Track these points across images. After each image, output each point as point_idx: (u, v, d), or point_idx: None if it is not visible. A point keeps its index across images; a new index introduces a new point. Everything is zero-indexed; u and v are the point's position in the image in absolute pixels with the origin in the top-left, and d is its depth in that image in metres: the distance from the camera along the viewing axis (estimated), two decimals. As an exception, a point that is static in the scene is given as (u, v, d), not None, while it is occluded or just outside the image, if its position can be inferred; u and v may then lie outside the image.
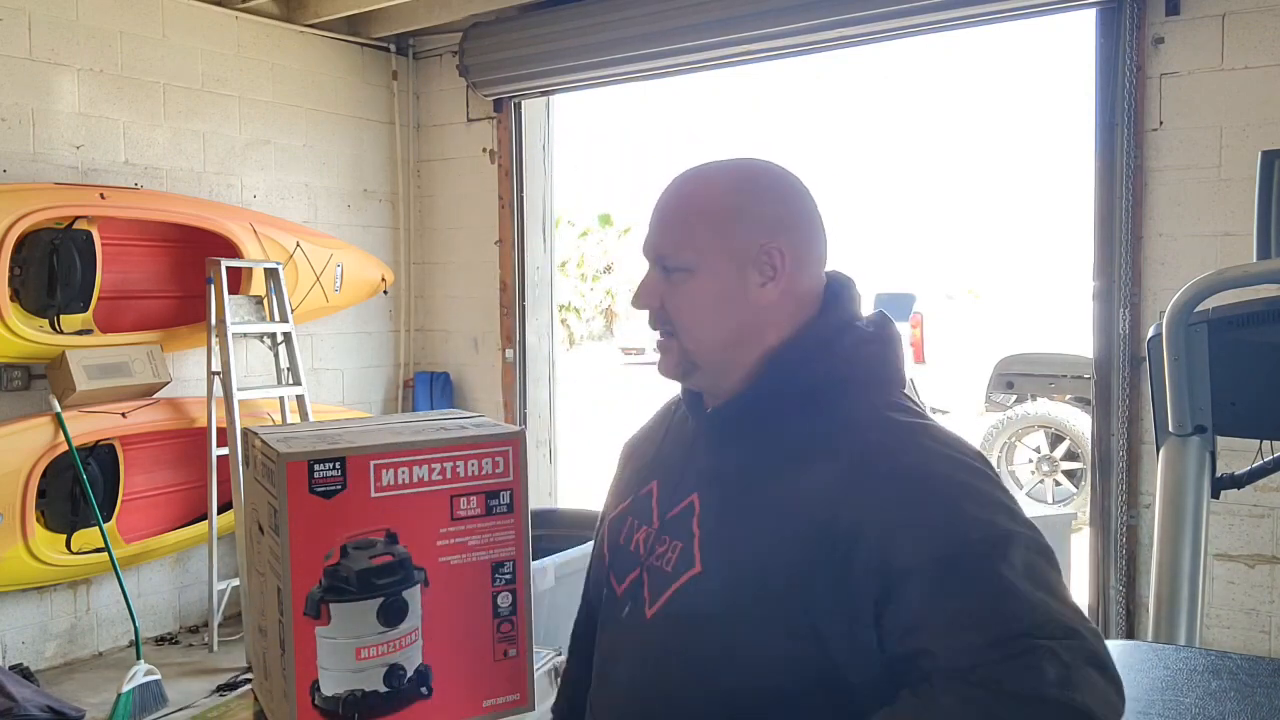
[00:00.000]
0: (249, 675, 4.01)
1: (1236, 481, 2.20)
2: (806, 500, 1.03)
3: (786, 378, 1.10)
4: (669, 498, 1.19)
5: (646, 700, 1.15)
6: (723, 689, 1.08)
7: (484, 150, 5.54)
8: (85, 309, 4.22)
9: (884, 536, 0.98)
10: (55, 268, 4.07)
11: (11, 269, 3.91)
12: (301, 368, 4.77)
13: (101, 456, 4.30)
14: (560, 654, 2.32)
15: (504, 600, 1.64)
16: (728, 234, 1.11)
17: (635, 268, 20.96)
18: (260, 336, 4.79)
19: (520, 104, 5.43)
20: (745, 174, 1.16)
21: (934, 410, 9.12)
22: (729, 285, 1.11)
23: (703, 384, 1.17)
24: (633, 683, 1.19)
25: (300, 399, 4.74)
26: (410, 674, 1.56)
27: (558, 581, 3.85)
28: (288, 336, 4.73)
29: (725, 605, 1.07)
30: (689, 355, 1.15)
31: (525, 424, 5.45)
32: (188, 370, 4.72)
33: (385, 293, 5.62)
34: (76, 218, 4.14)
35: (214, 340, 4.47)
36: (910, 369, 9.46)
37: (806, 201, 1.18)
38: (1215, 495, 2.11)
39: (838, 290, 1.17)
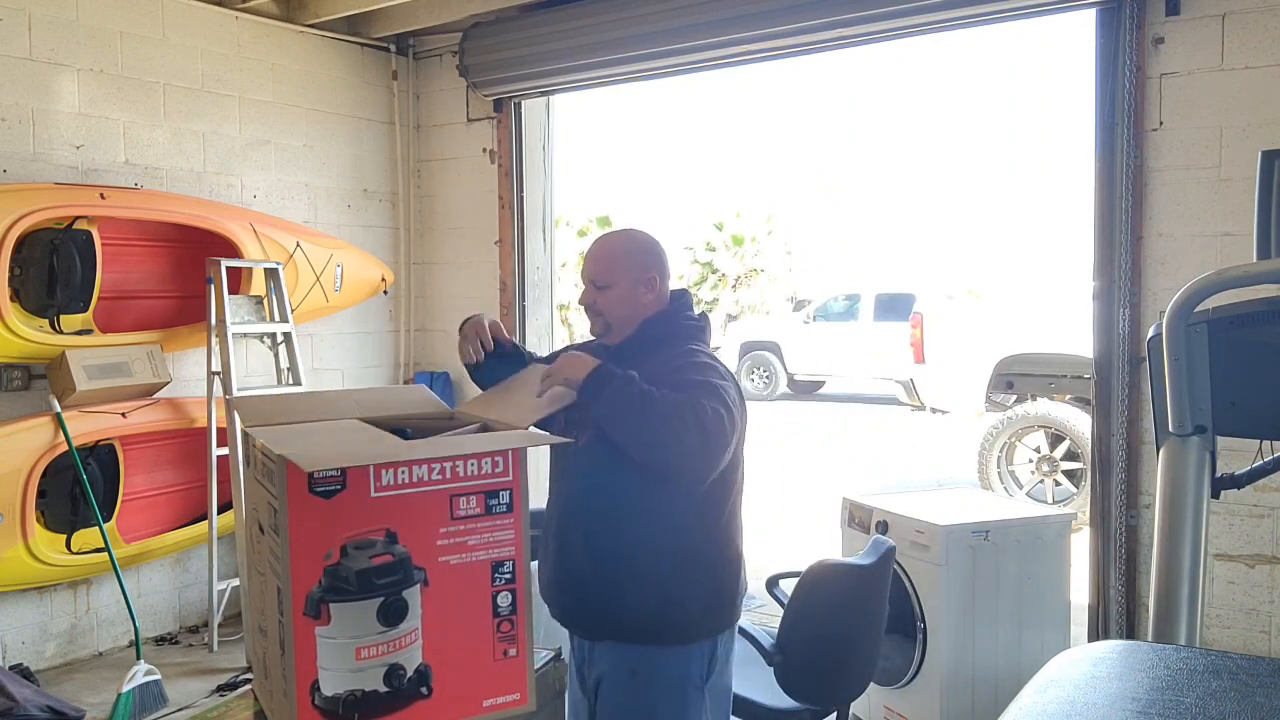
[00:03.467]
0: (249, 675, 4.01)
1: (1236, 481, 2.20)
2: (655, 368, 2.06)
3: (648, 333, 2.20)
4: None
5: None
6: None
7: (484, 150, 5.54)
8: (85, 309, 4.22)
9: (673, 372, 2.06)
10: (55, 268, 4.07)
11: (11, 269, 3.91)
12: (301, 368, 4.77)
13: (101, 456, 4.30)
14: (561, 654, 2.32)
15: (504, 600, 1.64)
16: (628, 269, 2.19)
17: (635, 268, 20.88)
18: (260, 336, 4.79)
19: (520, 104, 5.43)
20: (634, 238, 2.26)
21: (934, 410, 9.16)
22: (628, 293, 2.19)
23: (613, 338, 2.23)
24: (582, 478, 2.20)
25: (300, 399, 4.73)
26: (410, 674, 1.56)
27: (558, 581, 3.84)
28: (288, 336, 4.73)
29: None
30: (607, 323, 2.22)
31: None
32: (188, 370, 4.72)
33: (385, 293, 5.62)
34: (76, 218, 4.14)
35: (214, 340, 4.47)
36: (910, 368, 9.47)
37: (662, 253, 2.25)
38: (1215, 495, 2.11)
39: (678, 296, 2.27)
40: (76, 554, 4.20)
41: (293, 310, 4.75)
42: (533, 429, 1.89)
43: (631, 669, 2.10)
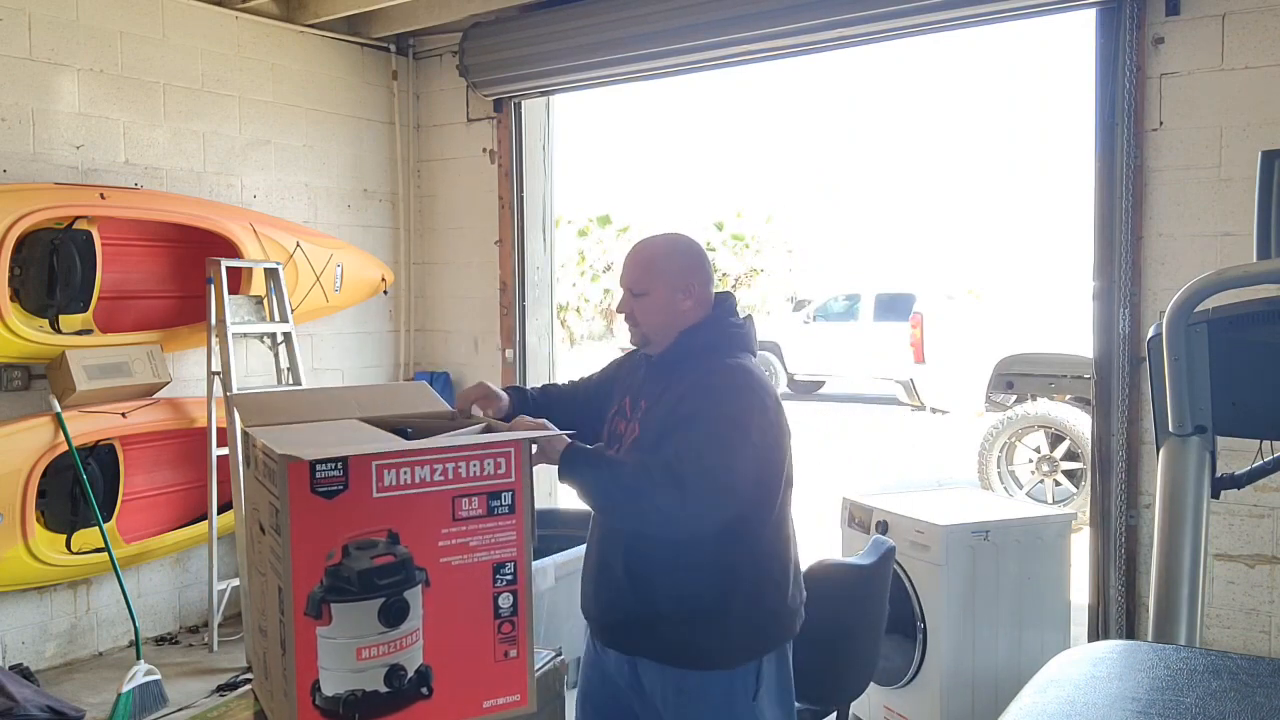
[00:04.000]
0: (249, 675, 4.01)
1: (1236, 481, 2.20)
2: (681, 391, 2.01)
3: (688, 344, 2.10)
4: (635, 404, 2.14)
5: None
6: None
7: (484, 150, 5.54)
8: (85, 309, 4.22)
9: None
10: (55, 268, 4.07)
11: (11, 269, 3.91)
12: (301, 368, 4.77)
13: (101, 456, 4.30)
14: (561, 654, 2.32)
15: (505, 601, 1.64)
16: (666, 275, 2.10)
17: (635, 267, 20.89)
18: (260, 336, 4.79)
19: (520, 104, 5.43)
20: (674, 242, 2.17)
21: (934, 410, 9.16)
22: (666, 300, 2.09)
23: (652, 349, 2.14)
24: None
25: (300, 399, 4.73)
26: (411, 674, 1.56)
27: (558, 581, 3.84)
28: (288, 336, 4.73)
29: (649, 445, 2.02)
30: (645, 335, 2.14)
31: (525, 424, 5.44)
32: (188, 370, 4.72)
33: (385, 293, 5.62)
34: (76, 218, 4.14)
35: (214, 340, 4.47)
36: (910, 368, 9.48)
37: (704, 257, 2.17)
38: (1215, 495, 2.11)
39: (722, 301, 2.16)
40: (76, 554, 4.20)
41: (293, 310, 4.75)
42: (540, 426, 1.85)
43: (679, 687, 2.05)
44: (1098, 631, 3.91)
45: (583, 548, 3.90)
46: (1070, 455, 7.17)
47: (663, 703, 2.08)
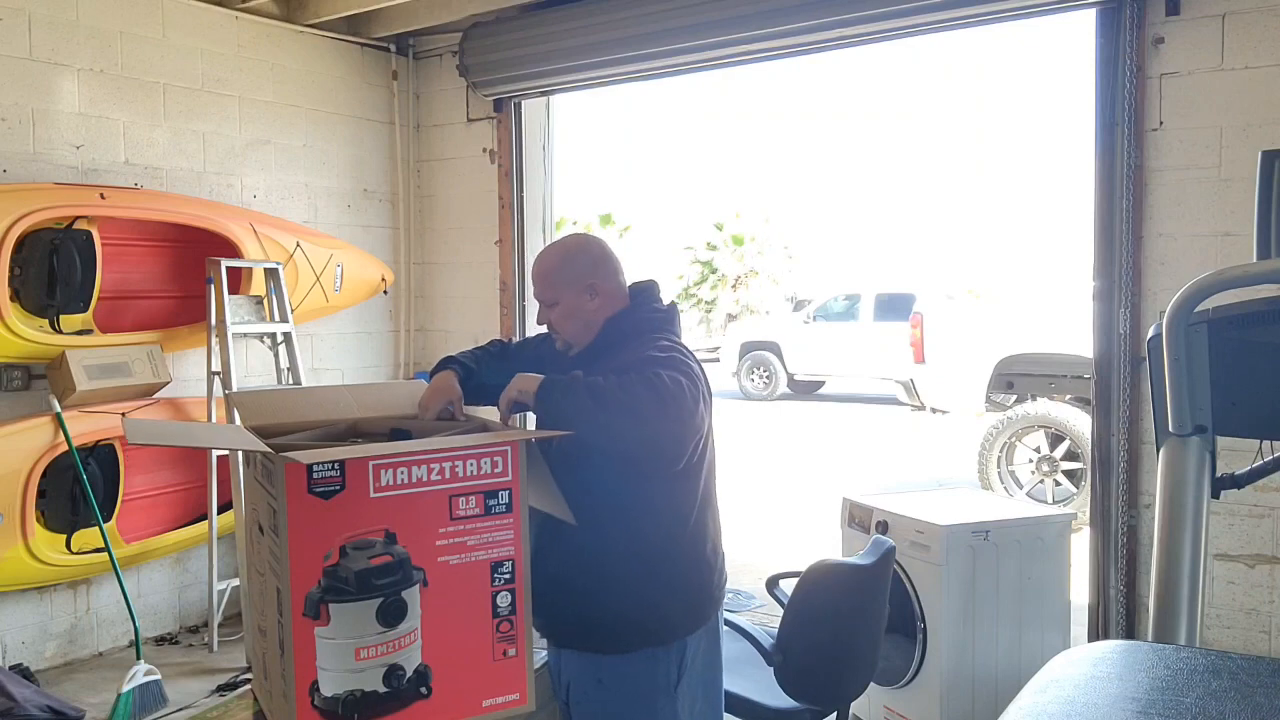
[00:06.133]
0: (249, 675, 4.01)
1: (1236, 481, 2.20)
2: (620, 364, 1.98)
3: (612, 332, 2.14)
4: None
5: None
6: None
7: (484, 150, 5.54)
8: (85, 309, 4.22)
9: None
10: (55, 268, 4.07)
11: (11, 269, 3.91)
12: (301, 368, 4.77)
13: (101, 456, 4.30)
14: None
15: (503, 600, 1.64)
16: (567, 280, 2.14)
17: (635, 267, 20.97)
18: (260, 336, 4.79)
19: (520, 104, 5.43)
20: (569, 247, 2.24)
21: (934, 410, 9.16)
22: (573, 305, 2.14)
23: (576, 350, 2.17)
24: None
25: (300, 399, 4.73)
26: (410, 674, 1.56)
27: (558, 581, 3.84)
28: (288, 336, 4.73)
29: None
30: (567, 340, 2.18)
31: (525, 424, 5.45)
32: (188, 370, 4.71)
33: (385, 293, 5.62)
34: (76, 218, 4.14)
35: (214, 340, 4.47)
36: (910, 368, 9.47)
37: (603, 254, 2.19)
38: (1215, 495, 2.10)
39: (642, 290, 2.21)
40: (76, 554, 4.20)
41: (293, 310, 4.75)
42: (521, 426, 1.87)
43: (598, 678, 2.06)
44: (1098, 631, 3.91)
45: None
46: (1070, 455, 7.16)
47: (579, 696, 2.08)
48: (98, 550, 4.19)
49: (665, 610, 2.05)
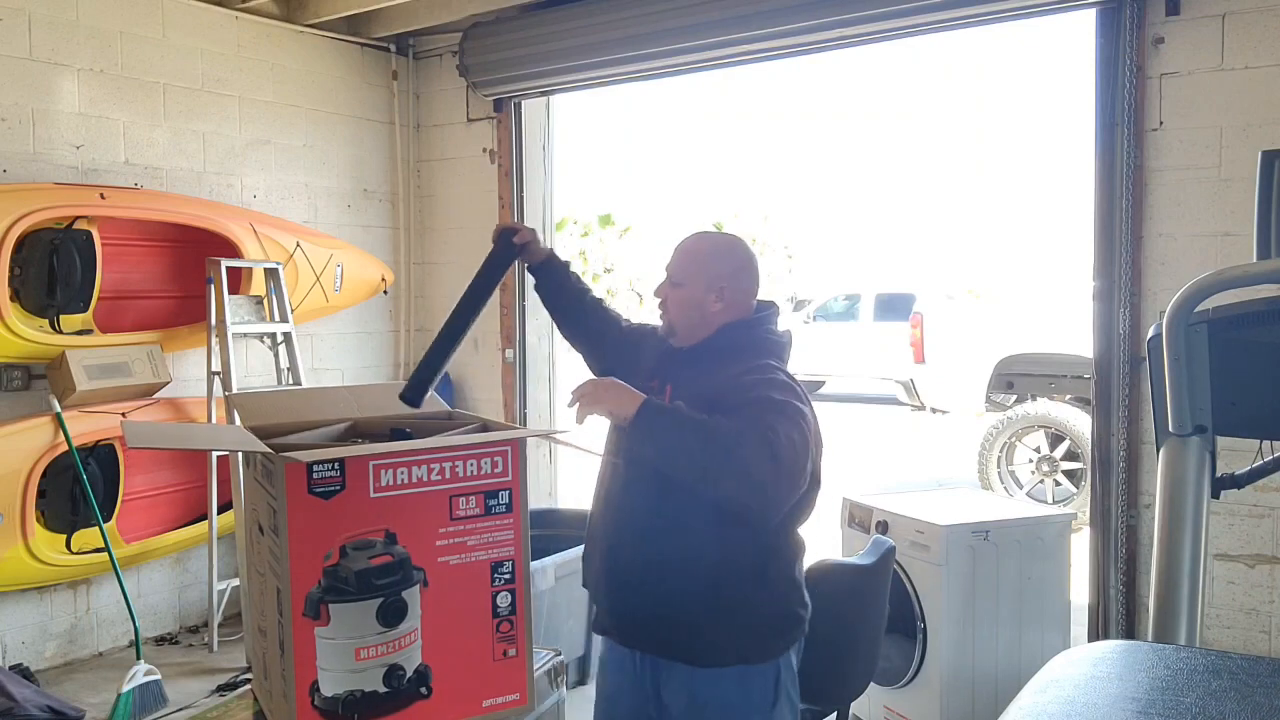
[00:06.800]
0: (249, 675, 4.00)
1: (1236, 481, 2.20)
2: (724, 380, 1.95)
3: (723, 341, 2.08)
4: (661, 385, 2.06)
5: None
6: None
7: (484, 150, 5.54)
8: (85, 309, 4.22)
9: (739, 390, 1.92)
10: (55, 268, 4.07)
11: (11, 269, 3.91)
12: (301, 368, 4.77)
13: (101, 456, 4.30)
14: (560, 654, 2.32)
15: (503, 600, 1.64)
16: (706, 272, 2.08)
17: (636, 267, 21.01)
18: (260, 336, 4.79)
19: (520, 104, 5.43)
20: (725, 244, 2.19)
21: (934, 410, 9.15)
22: (698, 298, 2.08)
23: (677, 341, 2.12)
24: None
25: (300, 399, 4.72)
26: (410, 674, 1.56)
27: (557, 581, 3.84)
28: (288, 336, 4.73)
29: None
30: (670, 325, 2.12)
31: (525, 424, 5.45)
32: (188, 370, 4.71)
33: (385, 293, 5.62)
34: (76, 218, 4.14)
35: (214, 340, 4.47)
36: (910, 368, 9.48)
37: (752, 265, 2.15)
38: (1215, 495, 2.10)
39: (764, 308, 2.15)
40: (76, 554, 4.20)
41: (293, 310, 4.75)
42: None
43: (691, 691, 1.99)
44: (1098, 631, 3.91)
45: (582, 549, 3.91)
46: (1070, 455, 7.16)
47: (679, 714, 2.01)
48: (98, 550, 4.18)
49: (763, 628, 2.01)
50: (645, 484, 1.98)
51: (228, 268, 4.47)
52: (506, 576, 1.63)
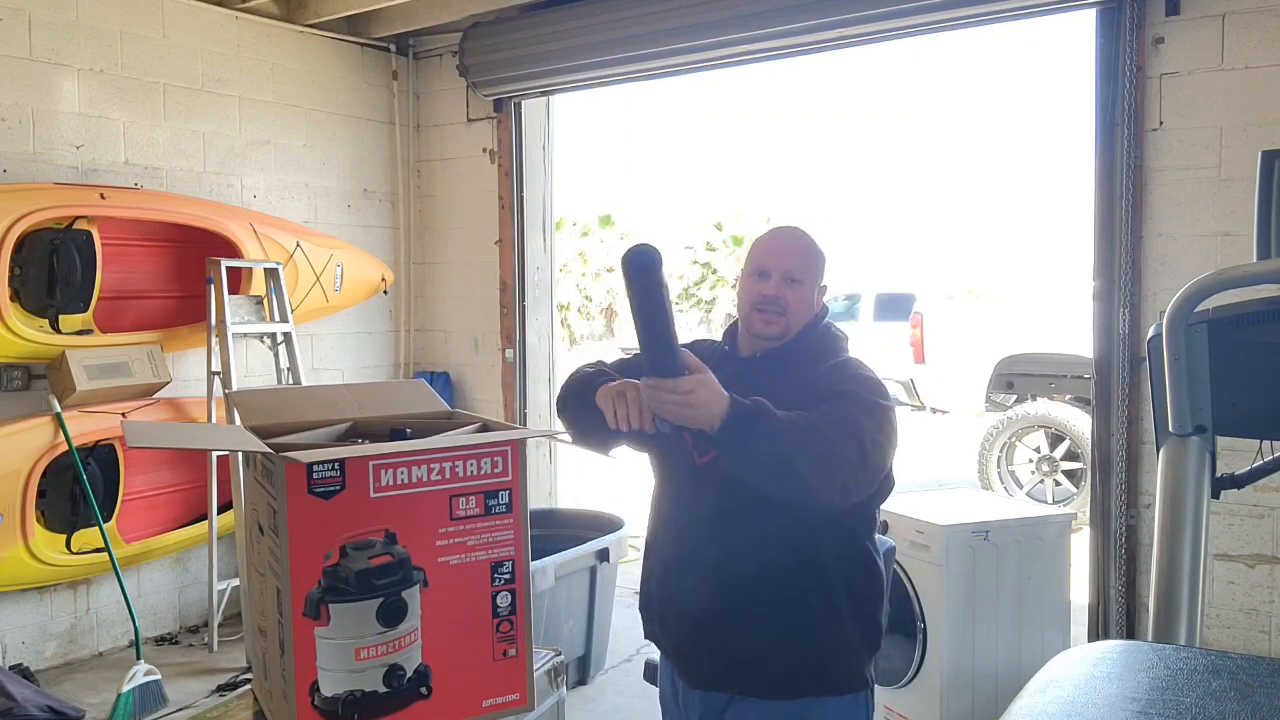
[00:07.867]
0: (249, 675, 4.01)
1: (1236, 481, 2.19)
2: (808, 381, 1.87)
3: (805, 339, 1.99)
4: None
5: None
6: None
7: (484, 150, 5.54)
8: (85, 309, 4.22)
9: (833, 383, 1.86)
10: (55, 268, 4.07)
11: (11, 269, 3.91)
12: (301, 368, 4.77)
13: (101, 456, 4.30)
14: (560, 654, 2.32)
15: (503, 600, 1.64)
16: (816, 270, 2.03)
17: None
18: (260, 336, 4.79)
19: (520, 104, 5.43)
20: (813, 238, 2.09)
21: (934, 410, 9.14)
22: (811, 297, 2.00)
23: (775, 344, 1.98)
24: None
25: (300, 399, 4.73)
26: (410, 674, 1.56)
27: (558, 581, 3.84)
28: (288, 336, 4.73)
29: None
30: (786, 326, 1.97)
31: (525, 424, 5.45)
32: (188, 370, 4.72)
33: (385, 293, 5.62)
34: (76, 218, 4.14)
35: (214, 340, 4.47)
36: (910, 368, 9.48)
37: None
38: (1215, 495, 2.10)
39: (824, 305, 2.11)
40: (76, 554, 4.20)
41: (293, 310, 4.75)
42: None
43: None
44: (1098, 631, 3.91)
45: (582, 548, 3.91)
46: (1070, 455, 7.16)
47: None
48: (98, 550, 4.19)
49: (862, 649, 1.93)
50: (739, 509, 1.83)
51: (228, 268, 4.47)
52: (506, 576, 1.63)
